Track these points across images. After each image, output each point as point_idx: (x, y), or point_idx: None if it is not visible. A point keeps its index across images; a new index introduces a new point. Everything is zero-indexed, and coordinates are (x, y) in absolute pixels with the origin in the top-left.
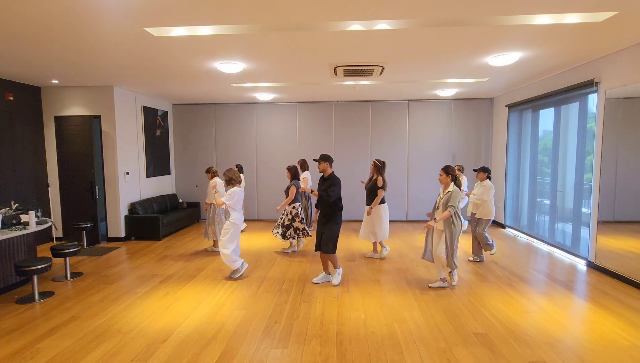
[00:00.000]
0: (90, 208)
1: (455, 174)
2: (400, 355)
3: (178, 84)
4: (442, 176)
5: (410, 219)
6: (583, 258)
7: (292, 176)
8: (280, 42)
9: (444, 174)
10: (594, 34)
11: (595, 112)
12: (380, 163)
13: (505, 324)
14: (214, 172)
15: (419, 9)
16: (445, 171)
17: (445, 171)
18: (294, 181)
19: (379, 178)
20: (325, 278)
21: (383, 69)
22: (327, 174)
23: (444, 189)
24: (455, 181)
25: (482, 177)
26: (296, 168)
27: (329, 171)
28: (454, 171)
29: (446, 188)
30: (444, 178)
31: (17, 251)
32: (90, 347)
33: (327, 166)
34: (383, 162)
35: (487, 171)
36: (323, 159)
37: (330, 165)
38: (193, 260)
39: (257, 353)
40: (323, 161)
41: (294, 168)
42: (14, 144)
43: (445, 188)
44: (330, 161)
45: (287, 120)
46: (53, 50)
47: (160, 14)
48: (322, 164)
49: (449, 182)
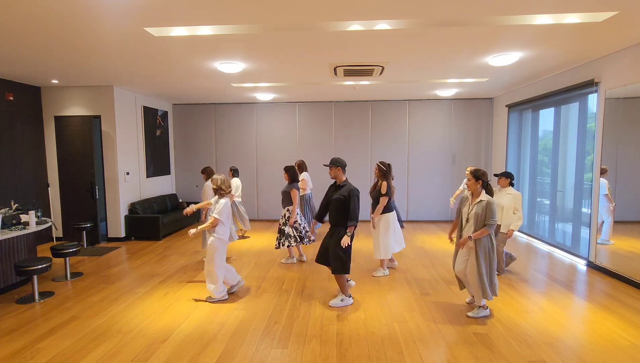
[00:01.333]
0: (90, 208)
1: (487, 180)
2: (400, 355)
3: (178, 84)
4: (471, 181)
5: (411, 219)
6: (583, 258)
7: (290, 178)
8: (280, 42)
9: (473, 180)
10: (594, 34)
11: (595, 112)
12: (385, 166)
13: (505, 324)
14: (210, 173)
15: (419, 9)
16: (474, 176)
17: (474, 175)
18: (293, 183)
19: (383, 183)
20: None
21: (383, 69)
22: (340, 181)
23: (474, 198)
24: (487, 188)
25: (505, 183)
26: (295, 170)
27: (341, 178)
28: (485, 176)
29: (476, 196)
30: (472, 183)
31: (17, 251)
32: (90, 347)
33: (340, 171)
34: (388, 165)
35: (510, 177)
36: (334, 164)
37: (343, 170)
38: (193, 260)
39: (257, 353)
40: (334, 166)
41: (293, 169)
42: (14, 144)
43: (475, 196)
44: (343, 166)
45: (287, 120)
46: (53, 50)
47: (160, 14)
48: (333, 169)
49: (478, 189)
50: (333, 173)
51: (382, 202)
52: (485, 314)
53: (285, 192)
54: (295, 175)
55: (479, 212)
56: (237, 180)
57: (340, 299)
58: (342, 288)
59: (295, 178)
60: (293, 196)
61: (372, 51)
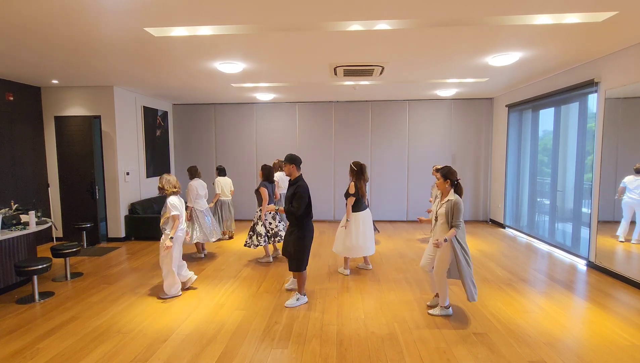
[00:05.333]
0: (90, 208)
1: (456, 179)
2: (400, 355)
3: (178, 84)
4: (440, 181)
5: (411, 219)
6: (583, 258)
7: (264, 177)
8: (280, 42)
9: (442, 179)
10: (594, 34)
11: (595, 112)
12: (357, 166)
13: (505, 324)
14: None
15: (419, 9)
16: (442, 175)
17: (442, 174)
18: (263, 182)
19: (351, 183)
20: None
21: (383, 69)
22: (294, 178)
23: (443, 197)
24: (456, 188)
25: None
26: (270, 169)
27: (295, 174)
28: (454, 176)
29: (445, 195)
30: (440, 183)
31: (17, 251)
32: (90, 347)
33: (293, 168)
34: (360, 165)
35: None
36: (287, 161)
37: (297, 167)
38: (193, 260)
39: (257, 354)
40: (287, 162)
41: (267, 168)
42: (14, 144)
43: (444, 195)
44: (297, 163)
45: (287, 120)
46: (53, 50)
47: (160, 14)
48: (287, 166)
49: (447, 189)
50: (287, 170)
51: (349, 202)
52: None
53: (256, 191)
54: (270, 174)
55: (446, 211)
56: (222, 179)
57: (296, 298)
58: (299, 285)
59: (269, 177)
60: (262, 192)
61: (372, 51)
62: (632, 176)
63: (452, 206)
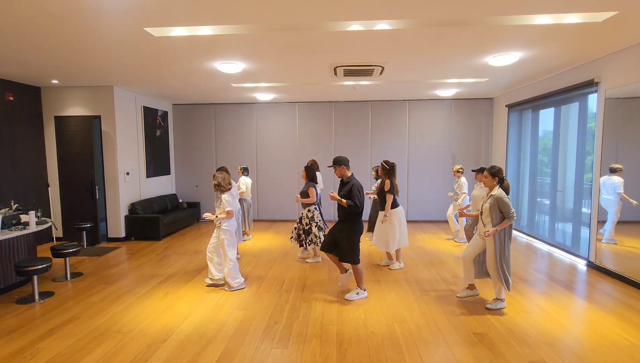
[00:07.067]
0: (90, 208)
1: (502, 177)
2: (400, 355)
3: (178, 84)
4: (488, 178)
5: (411, 219)
6: (583, 258)
7: (308, 177)
8: (280, 42)
9: (489, 176)
10: (594, 34)
11: (595, 112)
12: (389, 164)
13: (505, 324)
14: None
15: (419, 9)
16: (491, 173)
17: (492, 173)
18: (311, 182)
19: (386, 181)
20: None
21: (383, 69)
22: (346, 178)
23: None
24: (502, 184)
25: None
26: (314, 169)
27: (347, 174)
28: (501, 173)
29: (491, 191)
30: (489, 180)
31: (17, 251)
32: (90, 347)
33: (344, 169)
34: (392, 164)
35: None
36: (336, 163)
37: (347, 167)
38: (193, 260)
39: (257, 353)
40: (337, 165)
41: (311, 168)
42: (14, 144)
43: (490, 190)
44: (346, 163)
45: (287, 120)
46: (53, 50)
47: (160, 14)
48: (337, 169)
49: (493, 185)
50: (338, 172)
51: (388, 199)
52: (502, 306)
53: (303, 192)
54: (314, 175)
55: (490, 205)
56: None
57: (355, 292)
58: (358, 279)
59: (314, 178)
60: (310, 193)
61: (372, 51)
62: (606, 176)
63: (496, 200)
